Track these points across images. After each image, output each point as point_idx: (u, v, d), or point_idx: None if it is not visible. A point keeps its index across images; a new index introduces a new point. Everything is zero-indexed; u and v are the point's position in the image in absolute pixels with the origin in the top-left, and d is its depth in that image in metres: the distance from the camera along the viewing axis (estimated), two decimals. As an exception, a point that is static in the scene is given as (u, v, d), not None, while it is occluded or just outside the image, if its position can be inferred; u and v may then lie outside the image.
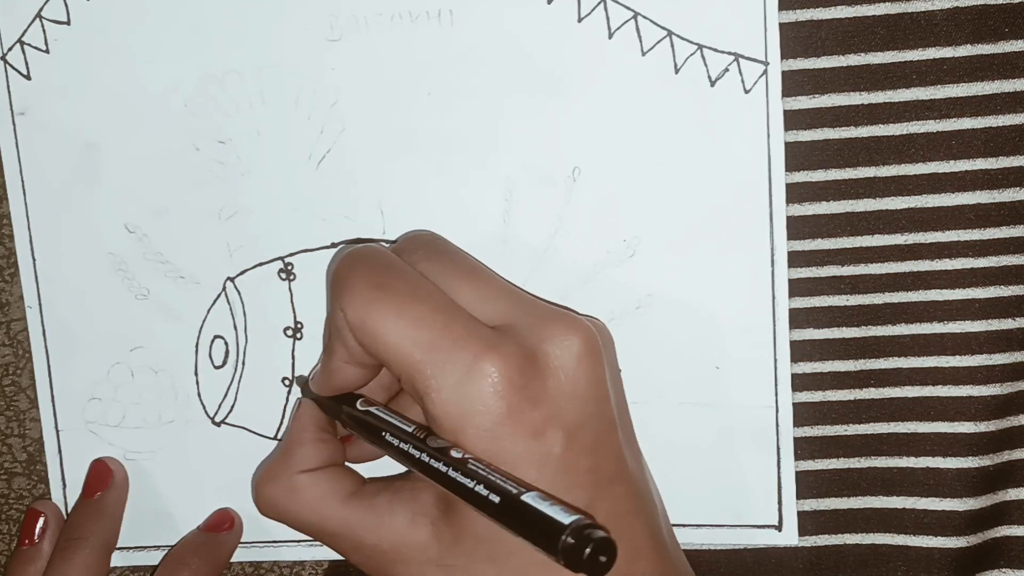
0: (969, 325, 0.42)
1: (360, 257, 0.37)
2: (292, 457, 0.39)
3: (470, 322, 0.35)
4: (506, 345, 0.34)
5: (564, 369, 0.34)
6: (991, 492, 0.42)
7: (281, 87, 0.43)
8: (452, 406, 0.33)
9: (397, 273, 0.36)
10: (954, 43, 0.41)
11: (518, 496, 0.31)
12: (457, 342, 0.34)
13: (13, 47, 0.44)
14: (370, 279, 0.35)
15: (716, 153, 0.41)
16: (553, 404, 0.34)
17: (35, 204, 0.45)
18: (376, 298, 0.35)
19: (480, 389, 0.33)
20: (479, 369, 0.33)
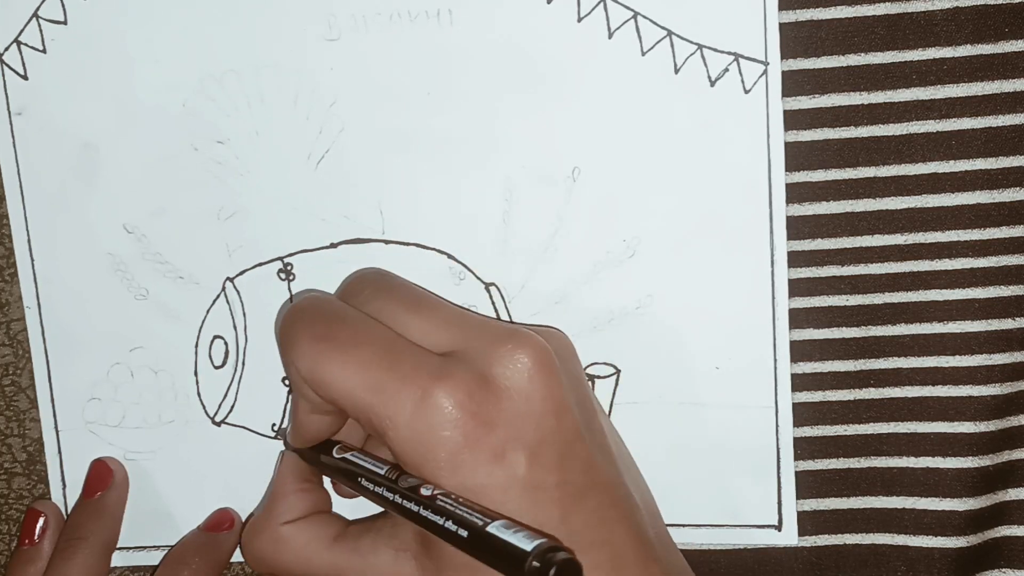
0: (969, 325, 0.42)
1: (302, 310, 0.37)
2: (275, 510, 0.40)
3: (417, 356, 0.35)
4: (454, 372, 0.34)
5: (517, 388, 0.34)
6: (991, 492, 0.42)
7: (280, 87, 0.43)
8: (409, 442, 0.34)
9: (339, 320, 0.36)
10: (954, 43, 0.41)
11: (483, 528, 0.32)
12: (405, 378, 0.34)
13: (10, 47, 0.44)
14: (313, 330, 0.36)
15: (716, 153, 0.41)
16: (509, 425, 0.34)
17: (33, 204, 0.45)
18: (320, 349, 0.35)
19: (433, 421, 0.33)
20: (429, 402, 0.33)
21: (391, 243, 0.43)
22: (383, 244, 0.43)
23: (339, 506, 0.42)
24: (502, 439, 0.33)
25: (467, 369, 0.34)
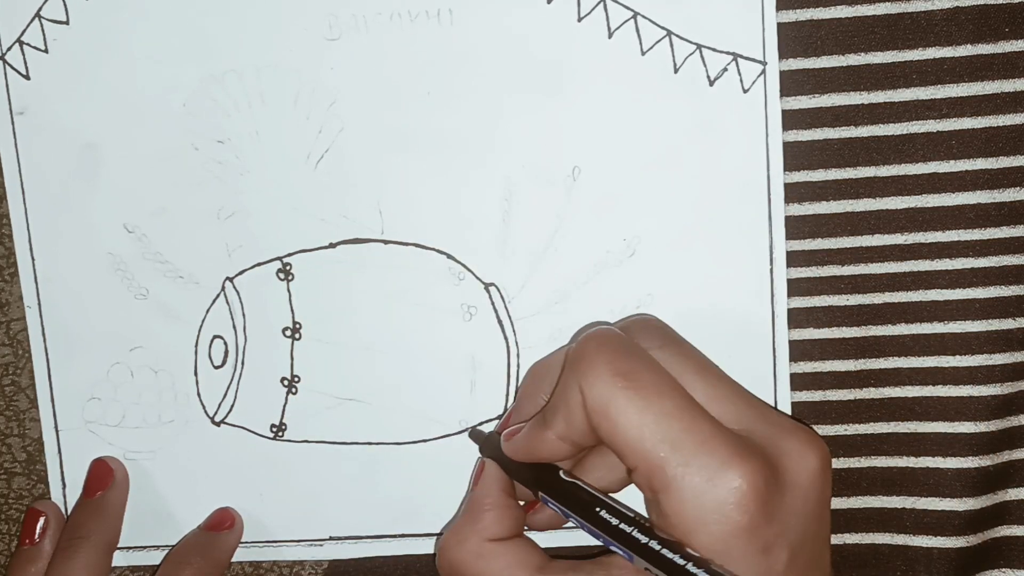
0: (969, 325, 0.42)
1: (606, 339, 0.36)
2: (480, 522, 0.38)
3: (715, 424, 0.33)
4: (752, 455, 0.33)
5: (799, 486, 0.33)
6: (991, 492, 0.42)
7: (280, 87, 0.43)
8: (690, 508, 0.32)
9: (642, 363, 0.35)
10: (954, 43, 0.41)
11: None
12: (703, 444, 0.33)
13: (12, 47, 0.44)
14: (615, 365, 0.34)
15: (715, 152, 0.41)
16: (785, 521, 0.33)
17: (34, 204, 0.45)
18: (622, 386, 0.34)
19: (724, 498, 0.32)
20: (725, 477, 0.32)
21: (390, 243, 0.43)
22: (382, 244, 0.43)
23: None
24: (775, 533, 0.33)
25: (763, 454, 0.33)
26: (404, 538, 0.45)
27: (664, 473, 0.33)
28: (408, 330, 0.44)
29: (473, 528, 0.38)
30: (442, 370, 0.44)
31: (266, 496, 0.45)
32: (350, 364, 0.44)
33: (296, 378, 0.45)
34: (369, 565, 0.46)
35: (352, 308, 0.44)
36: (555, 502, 0.37)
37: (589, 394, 0.34)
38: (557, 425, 0.36)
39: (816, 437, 0.35)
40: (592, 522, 0.35)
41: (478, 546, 0.37)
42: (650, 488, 0.33)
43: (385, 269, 0.44)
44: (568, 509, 0.37)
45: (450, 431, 0.44)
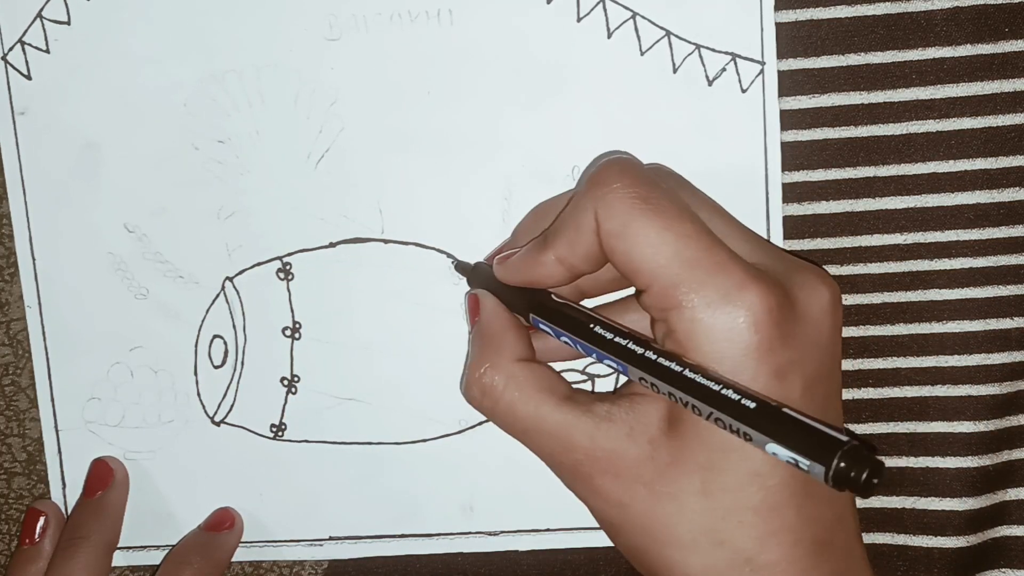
0: (968, 325, 0.42)
1: (624, 167, 0.35)
2: (503, 345, 0.37)
3: (731, 251, 0.33)
4: (767, 280, 0.32)
5: (812, 318, 0.33)
6: (991, 492, 0.42)
7: (280, 86, 0.43)
8: (702, 325, 0.32)
9: (660, 191, 0.34)
10: (954, 43, 0.41)
11: (779, 407, 0.30)
12: (720, 265, 0.32)
13: (14, 47, 0.44)
14: (635, 190, 0.34)
15: (713, 152, 0.41)
16: (799, 349, 0.33)
17: (35, 204, 0.45)
18: (641, 209, 0.33)
19: (736, 316, 0.32)
20: (741, 296, 0.32)
21: (390, 243, 0.44)
22: (382, 244, 0.44)
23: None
24: (789, 359, 0.32)
25: (776, 281, 0.33)
26: (404, 538, 0.45)
27: (678, 290, 0.32)
28: (408, 330, 0.44)
29: (497, 351, 0.37)
30: (442, 370, 0.44)
31: (266, 496, 0.45)
32: (350, 364, 0.44)
33: (296, 378, 0.45)
34: (369, 565, 0.46)
35: (352, 308, 0.44)
36: (548, 323, 0.37)
37: (605, 215, 0.34)
38: (559, 247, 0.36)
39: (827, 274, 0.35)
40: (587, 339, 0.35)
41: (509, 367, 0.36)
42: (661, 308, 0.33)
43: (385, 269, 0.44)
44: (562, 328, 0.36)
45: (450, 431, 0.44)
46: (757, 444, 0.30)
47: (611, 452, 0.34)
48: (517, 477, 0.44)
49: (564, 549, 0.44)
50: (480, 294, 0.39)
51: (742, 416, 0.30)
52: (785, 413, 0.30)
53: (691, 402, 0.32)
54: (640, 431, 0.34)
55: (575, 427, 0.35)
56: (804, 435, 0.29)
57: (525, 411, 0.36)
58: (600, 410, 0.35)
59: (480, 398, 0.37)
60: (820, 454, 0.29)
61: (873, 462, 0.28)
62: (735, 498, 0.32)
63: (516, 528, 0.45)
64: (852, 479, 0.28)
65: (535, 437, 0.36)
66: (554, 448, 0.36)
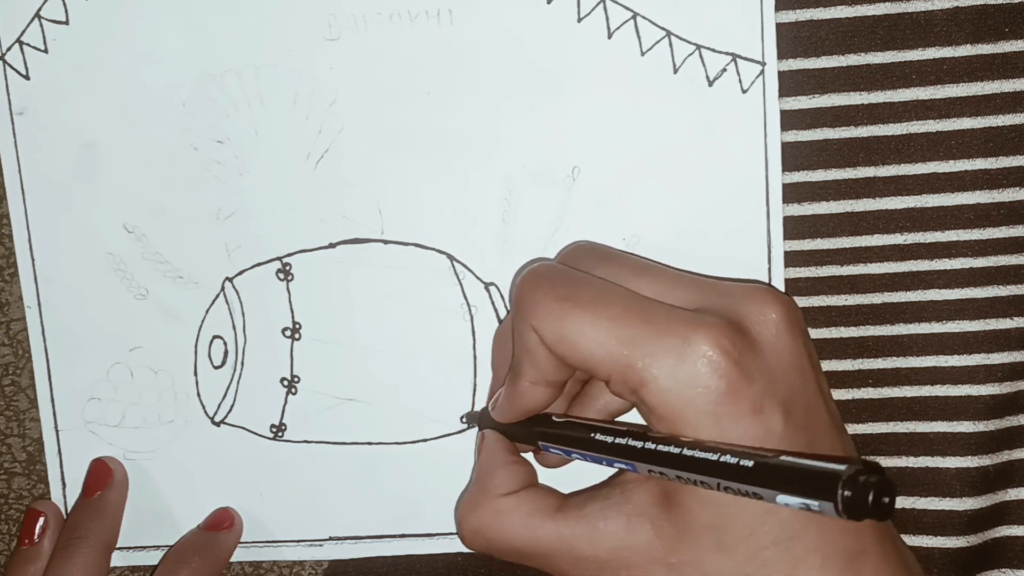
0: (968, 325, 0.42)
1: (539, 274, 0.36)
2: (490, 483, 0.38)
3: (668, 309, 0.34)
4: (713, 322, 0.32)
5: (767, 341, 0.33)
6: (991, 492, 0.42)
7: (279, 86, 0.43)
8: (670, 393, 0.32)
9: (579, 282, 0.35)
10: (954, 43, 0.41)
11: (775, 457, 0.30)
12: (662, 330, 0.33)
13: (12, 47, 0.44)
14: (555, 292, 0.35)
15: (714, 152, 0.41)
16: (765, 378, 0.32)
17: (34, 204, 0.45)
18: (567, 308, 0.34)
19: (697, 369, 0.32)
20: (692, 349, 0.32)
21: (390, 243, 0.43)
22: (382, 244, 0.44)
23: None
24: (760, 392, 0.32)
25: (723, 320, 0.33)
26: (404, 538, 0.45)
27: (635, 370, 0.33)
28: (408, 330, 0.44)
29: (485, 490, 0.38)
30: (442, 370, 0.44)
31: (266, 496, 0.45)
32: (350, 364, 0.44)
33: (296, 378, 0.45)
34: (369, 565, 0.46)
35: (352, 308, 0.44)
36: (555, 446, 0.38)
37: (542, 328, 0.35)
38: (527, 372, 0.36)
39: (773, 292, 0.34)
40: (591, 448, 0.36)
41: (494, 505, 0.37)
42: (629, 390, 0.33)
43: (385, 269, 0.44)
44: (566, 447, 0.37)
45: (450, 431, 0.44)
46: (768, 500, 0.30)
47: (615, 550, 0.35)
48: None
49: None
50: (486, 432, 0.41)
51: (744, 478, 0.30)
52: (780, 462, 0.30)
53: (698, 479, 0.32)
54: (638, 518, 0.35)
55: (573, 538, 0.35)
56: (803, 478, 0.29)
57: (519, 539, 0.36)
58: (593, 510, 0.35)
59: (472, 539, 0.38)
60: (823, 492, 0.28)
61: (876, 484, 0.28)
62: (752, 543, 0.32)
63: (516, 528, 0.45)
64: (864, 506, 0.28)
65: (539, 560, 0.36)
66: (560, 564, 0.36)
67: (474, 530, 0.37)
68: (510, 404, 0.38)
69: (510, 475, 0.38)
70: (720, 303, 0.34)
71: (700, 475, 0.31)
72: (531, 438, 0.39)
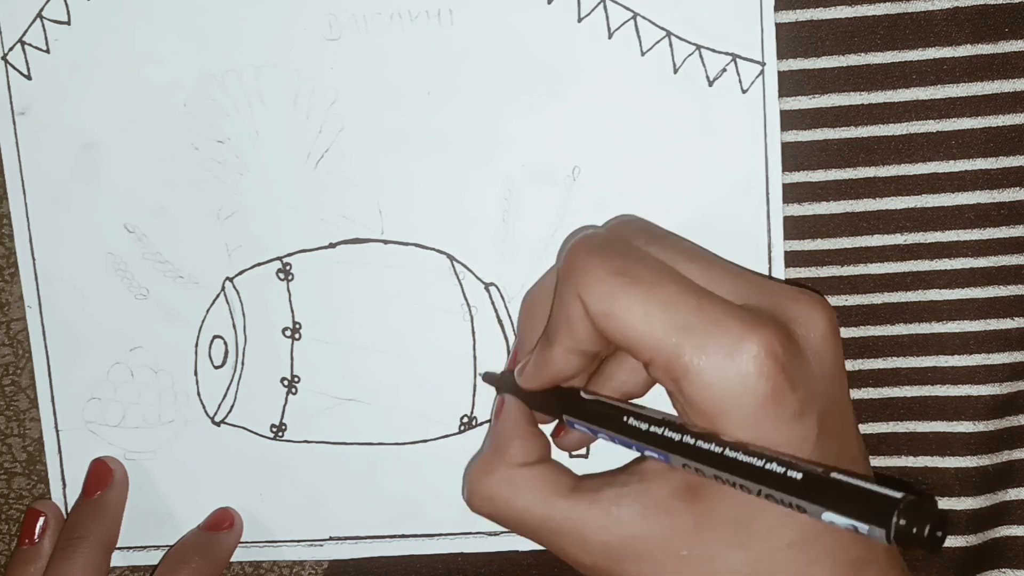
0: (968, 325, 0.42)
1: (597, 242, 0.35)
2: (507, 450, 0.37)
3: (722, 302, 0.33)
4: (765, 323, 0.32)
5: (813, 349, 0.33)
6: (991, 492, 0.42)
7: (280, 86, 0.43)
8: (714, 388, 0.32)
9: (636, 258, 0.34)
10: (954, 43, 0.41)
11: (826, 473, 0.29)
12: (715, 323, 0.32)
13: (14, 47, 0.44)
14: (610, 265, 0.34)
15: (714, 152, 0.41)
16: (808, 385, 0.32)
17: (35, 204, 0.45)
18: (622, 284, 0.33)
19: (745, 369, 0.31)
20: (743, 348, 0.31)
21: (390, 243, 0.44)
22: (382, 244, 0.44)
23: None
24: (801, 399, 0.32)
25: (774, 321, 0.32)
26: (404, 538, 0.45)
27: (680, 360, 0.32)
28: (408, 330, 0.44)
29: (501, 457, 0.37)
30: (442, 370, 0.44)
31: (266, 496, 0.45)
32: (350, 364, 0.44)
33: (296, 378, 0.45)
34: (369, 565, 0.46)
35: (352, 308, 0.44)
36: (581, 422, 0.37)
37: (590, 299, 0.34)
38: (562, 340, 0.35)
39: (820, 299, 0.34)
40: (622, 432, 0.35)
41: (508, 473, 0.36)
42: (670, 378, 0.33)
43: (385, 269, 0.44)
44: (597, 426, 0.36)
45: (450, 431, 0.44)
46: (812, 515, 0.29)
47: (627, 538, 0.34)
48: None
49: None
50: (507, 397, 0.39)
51: (790, 489, 0.30)
52: (832, 479, 0.29)
53: (738, 482, 0.31)
54: (655, 509, 0.34)
55: (585, 521, 0.35)
56: (856, 498, 0.29)
57: (530, 513, 0.36)
58: (608, 495, 0.35)
59: (480, 504, 0.37)
60: (877, 516, 0.28)
61: (934, 515, 0.27)
62: (769, 542, 0.32)
63: (516, 528, 0.44)
64: (915, 535, 0.27)
65: (547, 537, 0.36)
66: (567, 544, 0.35)
67: (484, 496, 0.37)
68: (537, 370, 0.37)
69: (528, 445, 0.37)
70: (770, 303, 0.34)
71: (742, 479, 0.31)
72: (553, 409, 0.38)
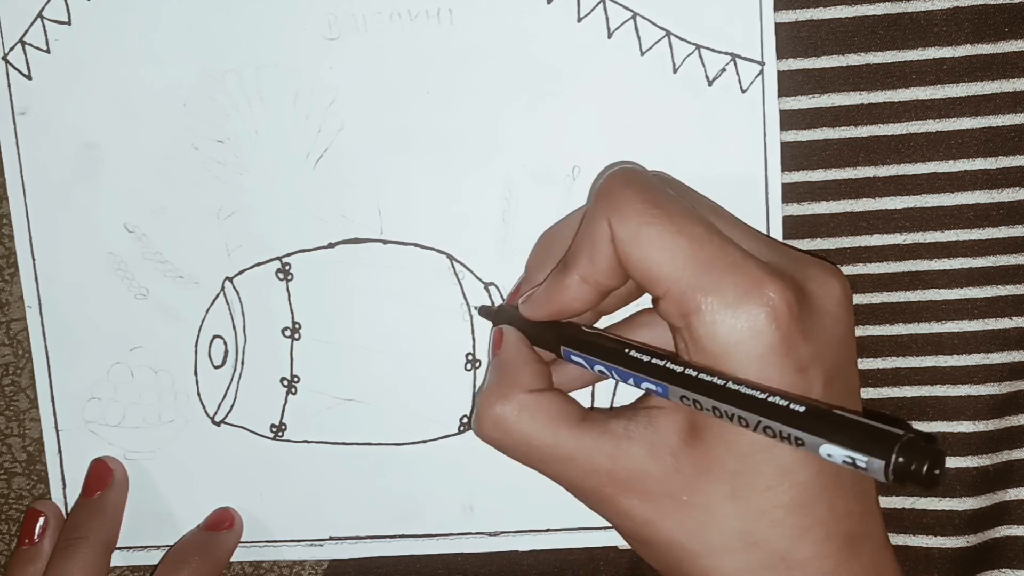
0: (967, 324, 0.42)
1: (632, 175, 0.35)
2: (517, 376, 0.37)
3: (744, 250, 0.33)
4: (782, 275, 0.33)
5: (827, 311, 0.33)
6: (991, 492, 0.41)
7: (280, 86, 0.43)
8: (723, 326, 0.32)
9: (668, 196, 0.35)
10: (954, 43, 0.41)
11: (829, 408, 0.30)
12: (735, 265, 0.33)
13: (15, 47, 0.44)
14: (645, 196, 0.34)
15: (713, 152, 0.41)
16: (818, 343, 0.33)
17: (35, 204, 0.45)
18: (652, 214, 0.34)
19: (757, 313, 0.32)
20: (759, 293, 0.32)
21: (390, 243, 0.44)
22: (382, 244, 0.44)
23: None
24: (810, 353, 0.32)
25: (791, 276, 0.33)
26: (404, 539, 0.45)
27: (696, 295, 0.32)
28: (408, 330, 0.44)
29: (512, 383, 0.37)
30: (442, 370, 0.44)
31: (266, 496, 0.45)
32: (350, 364, 0.44)
33: (296, 378, 0.45)
34: (369, 565, 0.46)
35: (352, 308, 0.44)
36: (582, 354, 0.37)
37: (619, 225, 0.34)
38: (581, 265, 0.36)
39: (837, 269, 0.35)
40: (624, 364, 0.35)
41: (519, 398, 0.36)
42: (681, 313, 0.33)
43: (384, 269, 0.44)
44: (596, 357, 0.36)
45: (450, 431, 0.44)
46: (810, 447, 0.30)
47: (633, 471, 0.34)
48: (517, 477, 0.43)
49: (564, 549, 0.44)
50: (505, 328, 0.39)
51: (793, 421, 0.30)
52: (835, 414, 0.30)
53: (737, 414, 0.31)
54: (661, 446, 0.34)
55: (593, 449, 0.35)
56: (859, 433, 0.29)
57: (540, 439, 0.36)
58: (617, 428, 0.35)
59: (491, 430, 0.37)
60: (878, 450, 0.28)
61: (933, 452, 0.28)
62: (766, 498, 0.33)
63: (516, 528, 0.45)
64: (913, 472, 0.28)
65: (553, 464, 0.36)
66: (574, 474, 0.36)
67: (495, 421, 0.36)
68: (548, 298, 0.37)
69: (536, 372, 0.37)
70: (789, 264, 0.34)
71: (741, 410, 0.31)
72: (551, 343, 0.38)
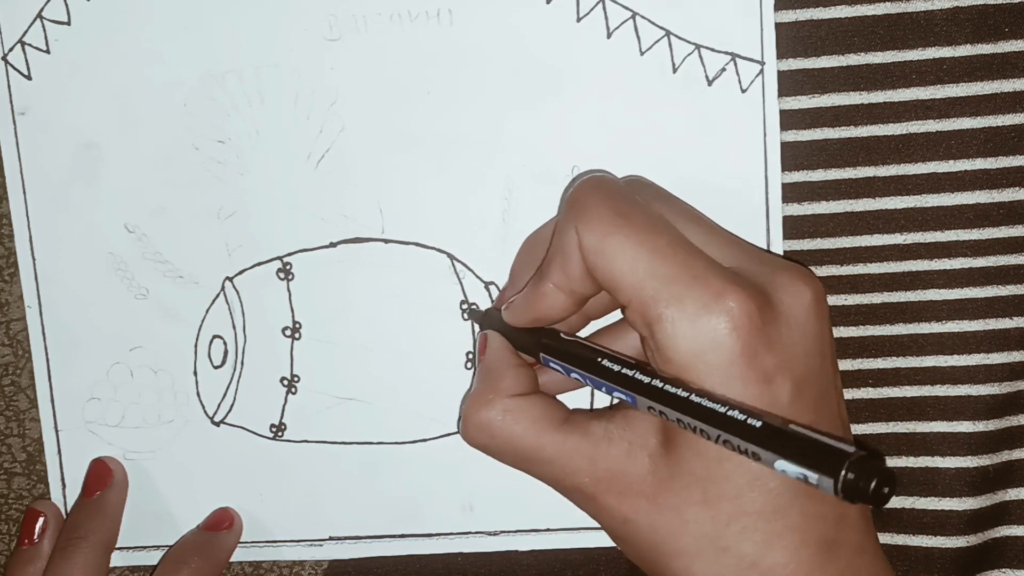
0: (967, 325, 0.42)
1: (601, 185, 0.36)
2: (501, 382, 0.38)
3: (708, 261, 0.34)
4: (745, 284, 0.33)
5: (795, 318, 0.33)
6: (991, 492, 0.41)
7: (280, 86, 0.43)
8: (685, 339, 0.32)
9: (636, 205, 0.35)
10: (954, 43, 0.41)
11: (784, 424, 0.30)
12: (697, 278, 0.33)
13: (14, 47, 0.44)
14: (612, 205, 0.35)
15: (713, 152, 0.41)
16: (784, 352, 0.33)
17: (35, 204, 0.45)
18: (617, 225, 0.34)
19: (718, 324, 0.32)
20: (719, 305, 0.32)
21: (390, 242, 0.44)
22: (382, 243, 0.44)
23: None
24: (776, 363, 0.33)
25: (755, 285, 0.33)
26: (404, 538, 0.45)
27: (657, 306, 0.33)
28: (408, 329, 0.44)
29: (496, 388, 0.38)
30: (442, 369, 0.44)
31: (266, 496, 0.45)
32: (350, 364, 0.44)
33: (296, 378, 0.45)
34: (369, 565, 0.46)
35: (352, 308, 0.44)
36: (558, 361, 0.38)
37: (585, 233, 0.35)
38: (554, 274, 0.36)
39: (809, 273, 0.35)
40: (595, 372, 0.36)
41: (503, 403, 0.37)
42: (644, 323, 0.33)
43: (385, 268, 0.44)
44: (570, 365, 0.37)
45: (450, 431, 0.44)
46: (766, 463, 0.30)
47: (612, 471, 0.35)
48: (517, 477, 0.43)
49: (564, 549, 0.44)
50: (489, 334, 0.40)
51: (748, 436, 0.30)
52: (790, 430, 0.30)
53: (699, 426, 0.32)
54: (639, 448, 0.35)
55: (575, 451, 0.36)
56: (810, 450, 0.29)
57: (523, 442, 0.37)
58: (597, 430, 0.36)
59: (476, 434, 0.37)
60: (827, 467, 0.29)
61: (881, 471, 0.28)
62: (736, 505, 0.33)
63: (516, 528, 0.45)
64: (861, 490, 0.28)
65: (538, 466, 0.37)
66: (558, 474, 0.36)
67: (481, 425, 0.37)
68: (527, 305, 0.38)
69: (519, 377, 0.38)
70: (758, 270, 0.34)
71: (702, 423, 0.31)
72: (532, 348, 0.39)
